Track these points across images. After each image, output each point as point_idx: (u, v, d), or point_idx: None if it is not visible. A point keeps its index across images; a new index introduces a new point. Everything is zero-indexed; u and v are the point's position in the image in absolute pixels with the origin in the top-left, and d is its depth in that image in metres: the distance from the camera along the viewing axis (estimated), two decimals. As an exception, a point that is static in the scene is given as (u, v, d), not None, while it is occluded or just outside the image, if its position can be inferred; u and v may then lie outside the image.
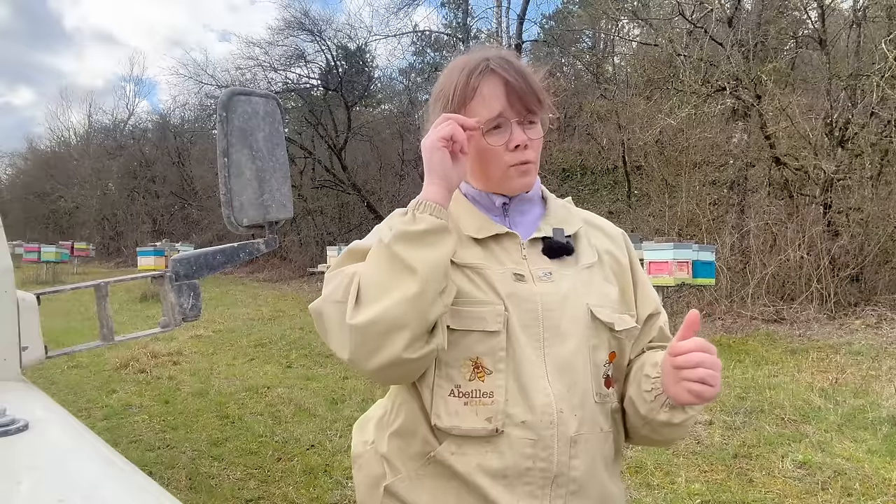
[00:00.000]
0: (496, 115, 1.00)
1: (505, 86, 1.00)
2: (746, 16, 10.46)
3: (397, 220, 0.93)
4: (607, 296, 1.03)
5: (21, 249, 17.52)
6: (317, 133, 18.16)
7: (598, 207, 13.16)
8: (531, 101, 1.01)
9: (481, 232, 1.02)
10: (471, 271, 0.98)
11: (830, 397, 4.72)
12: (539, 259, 1.02)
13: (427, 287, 0.87)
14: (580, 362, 0.97)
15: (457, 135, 0.94)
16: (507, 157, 1.01)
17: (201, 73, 19.13)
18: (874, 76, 8.12)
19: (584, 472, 0.95)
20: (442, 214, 0.92)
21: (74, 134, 38.72)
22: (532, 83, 1.02)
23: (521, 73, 1.02)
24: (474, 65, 1.02)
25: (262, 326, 9.06)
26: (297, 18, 17.67)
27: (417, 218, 0.91)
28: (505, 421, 0.92)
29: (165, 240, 14.92)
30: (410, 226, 0.90)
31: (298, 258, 17.98)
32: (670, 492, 3.24)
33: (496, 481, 0.92)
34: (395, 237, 0.89)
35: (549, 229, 1.05)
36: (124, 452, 1.90)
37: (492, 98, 1.00)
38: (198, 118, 25.00)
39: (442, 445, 0.95)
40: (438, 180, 0.94)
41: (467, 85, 1.01)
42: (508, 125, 1.00)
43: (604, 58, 17.80)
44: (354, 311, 0.88)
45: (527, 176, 1.03)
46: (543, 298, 0.97)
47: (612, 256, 1.09)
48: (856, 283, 8.28)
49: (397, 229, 0.90)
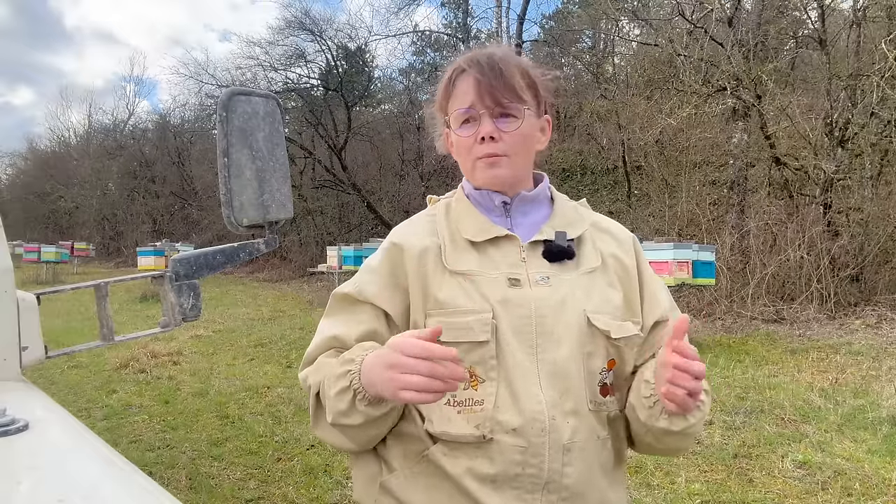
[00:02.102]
0: (465, 107, 1.03)
1: (475, 81, 1.02)
2: (746, 16, 10.46)
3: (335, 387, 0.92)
4: (609, 301, 1.02)
5: (21, 249, 17.53)
6: (317, 133, 18.16)
7: (598, 207, 13.01)
8: (502, 94, 1.01)
9: (479, 235, 1.03)
10: (462, 279, 0.98)
11: (830, 397, 4.72)
12: (538, 262, 1.01)
13: (364, 447, 1.01)
14: (574, 369, 0.96)
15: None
16: (475, 149, 1.03)
17: (201, 72, 19.14)
18: (874, 76, 8.12)
19: (578, 479, 0.94)
20: (380, 407, 0.90)
21: (74, 134, 38.82)
22: (508, 78, 1.02)
23: (498, 69, 1.02)
24: (455, 66, 1.07)
25: (262, 326, 9.06)
26: (298, 18, 17.71)
27: (356, 410, 0.91)
28: (494, 428, 0.92)
29: (165, 240, 14.92)
30: (346, 418, 0.92)
31: (298, 258, 17.99)
32: (670, 492, 3.24)
33: (485, 485, 0.92)
34: (333, 417, 0.93)
35: (551, 232, 1.04)
36: (124, 452, 1.90)
37: (463, 93, 1.04)
38: (198, 118, 25.02)
39: (435, 445, 0.95)
40: (375, 385, 0.86)
41: (448, 83, 1.07)
42: (478, 118, 1.03)
43: (604, 58, 17.80)
44: (314, 426, 1.02)
45: (494, 168, 1.03)
46: (538, 303, 0.97)
47: (617, 261, 1.07)
48: (856, 283, 8.29)
49: (335, 412, 0.92)
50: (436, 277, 0.99)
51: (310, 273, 15.12)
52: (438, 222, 1.08)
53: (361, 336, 1.00)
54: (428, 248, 1.02)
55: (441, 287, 0.98)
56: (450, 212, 1.09)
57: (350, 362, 0.92)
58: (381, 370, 0.84)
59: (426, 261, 1.01)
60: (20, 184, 40.31)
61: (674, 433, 0.96)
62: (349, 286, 1.04)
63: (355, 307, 1.02)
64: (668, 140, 12.07)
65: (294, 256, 18.43)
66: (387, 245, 1.06)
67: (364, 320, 1.01)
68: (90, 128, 36.57)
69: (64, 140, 39.29)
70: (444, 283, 0.98)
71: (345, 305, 1.04)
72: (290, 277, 16.88)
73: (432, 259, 1.01)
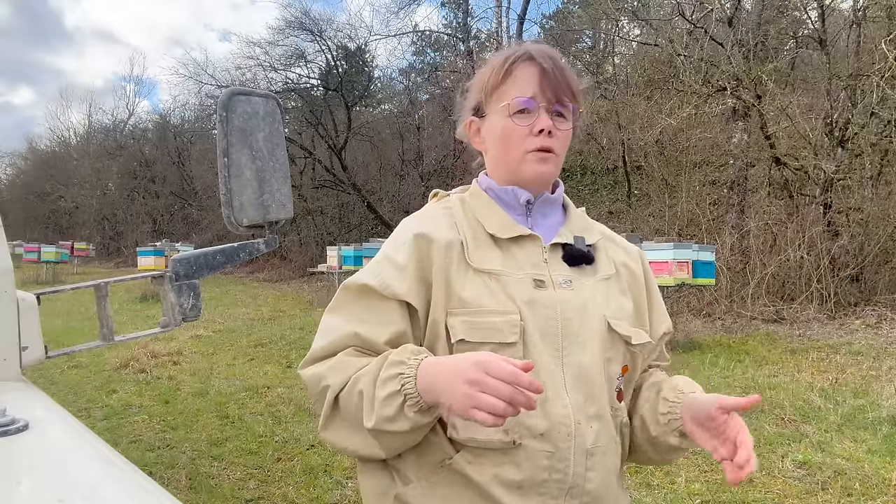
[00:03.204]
0: (527, 96, 0.99)
1: (540, 72, 1.00)
2: (746, 16, 10.46)
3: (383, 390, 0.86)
4: (623, 308, 1.02)
5: (21, 249, 17.53)
6: (317, 133, 18.17)
7: (598, 207, 13.18)
8: (564, 92, 1.00)
9: (503, 232, 1.00)
10: (488, 277, 0.95)
11: (830, 397, 4.72)
12: (559, 265, 1.00)
13: (391, 455, 0.93)
14: (596, 373, 0.96)
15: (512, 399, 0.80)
16: (528, 141, 1.00)
17: (201, 72, 19.18)
18: (874, 76, 8.12)
19: (599, 484, 0.94)
20: (428, 415, 0.87)
21: (74, 134, 38.82)
22: (569, 78, 1.01)
23: (560, 66, 1.01)
24: (514, 52, 1.03)
25: (262, 326, 9.06)
26: (298, 18, 17.72)
27: (403, 416, 0.85)
28: (522, 433, 0.90)
29: (165, 240, 14.93)
30: (391, 424, 0.86)
31: (298, 258, 17.99)
32: (670, 492, 3.24)
33: (511, 491, 0.90)
34: (376, 422, 0.86)
35: (570, 236, 1.03)
36: (124, 452, 1.90)
37: (524, 81, 1.00)
38: (198, 118, 25.06)
39: (459, 454, 0.92)
40: (439, 394, 0.84)
41: (502, 68, 1.01)
42: (536, 110, 0.99)
43: (604, 58, 17.80)
44: (324, 428, 0.95)
45: (545, 164, 1.00)
46: (563, 306, 0.95)
47: (628, 270, 1.08)
48: (856, 283, 8.29)
49: (380, 417, 0.86)
50: (459, 274, 0.95)
51: (310, 273, 15.12)
52: (456, 216, 1.03)
53: (392, 338, 0.93)
54: (452, 241, 0.98)
55: (465, 285, 0.94)
56: (466, 207, 1.05)
57: (401, 365, 0.87)
58: (456, 382, 0.81)
59: (451, 255, 0.96)
60: (20, 184, 40.33)
61: (680, 450, 0.99)
62: (369, 278, 0.96)
63: (382, 304, 0.95)
64: (668, 140, 12.07)
65: (294, 256, 18.43)
66: (411, 237, 0.98)
67: (395, 320, 0.94)
68: (90, 128, 36.62)
69: (64, 140, 39.35)
70: (468, 281, 0.95)
71: (363, 300, 0.96)
72: (290, 277, 16.88)
73: (456, 254, 0.97)
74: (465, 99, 1.11)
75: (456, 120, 1.14)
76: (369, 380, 0.88)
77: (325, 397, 0.92)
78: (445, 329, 0.93)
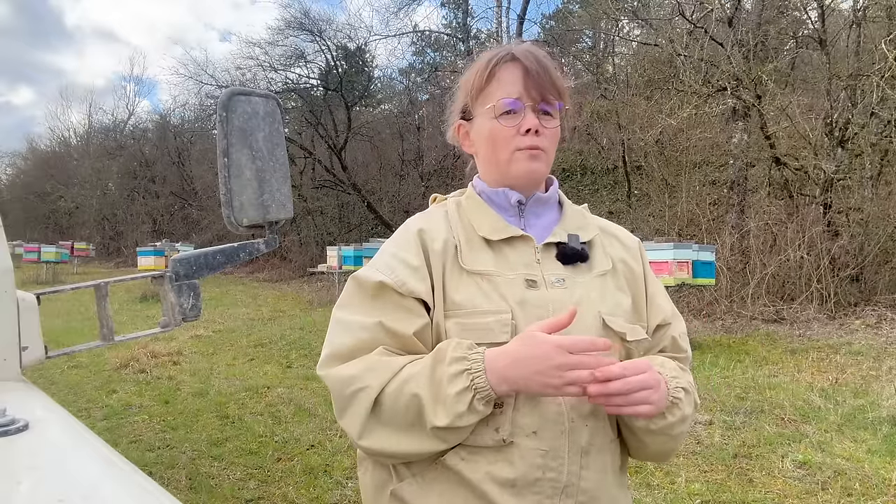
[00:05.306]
0: (512, 97, 1.00)
1: (524, 71, 1.00)
2: (746, 16, 10.46)
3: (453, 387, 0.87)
4: (620, 305, 1.02)
5: (21, 249, 17.55)
6: (317, 133, 18.16)
7: (598, 207, 13.17)
8: (549, 90, 1.01)
9: (495, 233, 1.01)
10: (480, 278, 0.97)
11: (830, 397, 4.72)
12: (552, 265, 1.01)
13: (451, 445, 0.91)
14: None
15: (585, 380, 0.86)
16: (516, 141, 1.01)
17: (201, 72, 19.15)
18: (874, 76, 8.12)
19: (595, 482, 0.94)
20: (490, 405, 0.89)
21: (74, 134, 38.83)
22: (553, 76, 1.02)
23: (544, 64, 1.02)
24: (497, 54, 1.04)
25: (262, 326, 9.06)
26: (298, 18, 17.72)
27: (474, 411, 0.87)
28: (514, 431, 0.91)
29: (165, 240, 14.95)
30: (463, 420, 0.87)
31: (298, 258, 17.99)
32: (670, 492, 3.24)
33: (505, 490, 0.90)
34: (451, 420, 0.86)
35: (563, 234, 1.03)
36: (124, 452, 1.90)
37: (508, 82, 1.01)
38: (198, 118, 25.02)
39: (452, 451, 0.93)
40: (516, 383, 0.87)
41: (486, 70, 1.02)
42: (523, 111, 1.00)
43: (604, 58, 17.79)
44: (363, 436, 0.91)
45: (535, 161, 1.01)
46: (555, 305, 0.96)
47: (626, 265, 1.08)
48: (856, 283, 8.28)
49: (454, 415, 0.86)
50: (452, 277, 0.97)
51: (310, 273, 15.12)
52: (451, 219, 1.05)
53: (419, 330, 0.94)
54: (448, 242, 1.00)
55: (458, 288, 0.96)
56: (461, 210, 1.07)
57: (463, 360, 0.87)
58: (541, 368, 0.85)
59: (447, 257, 0.98)
60: (20, 184, 40.34)
61: (654, 432, 0.96)
62: (383, 275, 0.96)
63: (402, 301, 0.95)
64: (668, 140, 12.07)
65: (294, 256, 18.43)
66: (416, 237, 1.00)
67: (419, 314, 0.95)
68: (90, 128, 36.65)
69: (64, 140, 39.36)
70: (462, 283, 0.96)
71: (381, 297, 0.96)
72: (290, 277, 16.88)
73: (450, 257, 0.99)
74: (452, 103, 1.12)
75: (445, 124, 1.15)
76: (424, 381, 0.88)
77: (360, 400, 0.90)
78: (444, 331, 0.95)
